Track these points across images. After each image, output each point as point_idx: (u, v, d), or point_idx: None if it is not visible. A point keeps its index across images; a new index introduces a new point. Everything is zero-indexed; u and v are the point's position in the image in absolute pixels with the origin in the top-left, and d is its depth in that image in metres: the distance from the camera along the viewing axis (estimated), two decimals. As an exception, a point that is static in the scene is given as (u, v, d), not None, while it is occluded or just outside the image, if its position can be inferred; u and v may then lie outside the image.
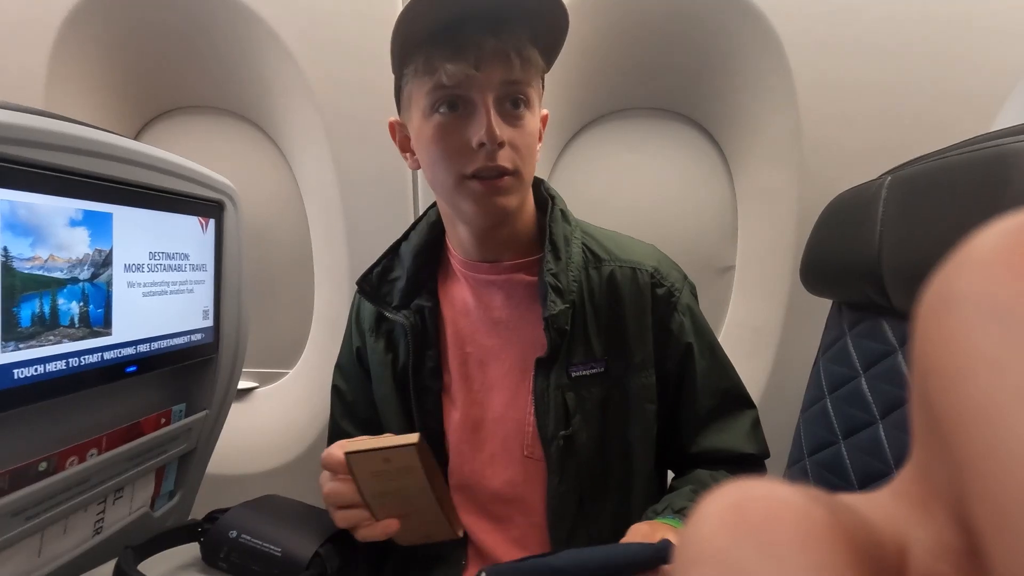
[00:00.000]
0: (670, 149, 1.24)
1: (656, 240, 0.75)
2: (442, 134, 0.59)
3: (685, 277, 0.71)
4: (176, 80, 1.24)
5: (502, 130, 0.57)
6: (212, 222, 0.76)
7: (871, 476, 0.62)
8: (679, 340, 0.67)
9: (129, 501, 0.71)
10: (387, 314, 0.70)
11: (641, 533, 0.54)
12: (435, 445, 0.69)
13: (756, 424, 0.69)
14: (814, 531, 0.10)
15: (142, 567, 0.55)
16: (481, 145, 0.57)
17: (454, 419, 0.69)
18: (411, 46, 0.58)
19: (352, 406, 0.77)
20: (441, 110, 0.58)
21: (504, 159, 0.58)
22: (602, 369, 0.66)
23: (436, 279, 0.72)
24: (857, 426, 0.65)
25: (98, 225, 0.58)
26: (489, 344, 0.69)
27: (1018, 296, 0.09)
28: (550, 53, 0.62)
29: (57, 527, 0.59)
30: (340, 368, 0.80)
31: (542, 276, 0.64)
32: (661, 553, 0.46)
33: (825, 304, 0.77)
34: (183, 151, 0.72)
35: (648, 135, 1.24)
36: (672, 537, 0.48)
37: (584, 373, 0.65)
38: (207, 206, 0.75)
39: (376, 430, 0.72)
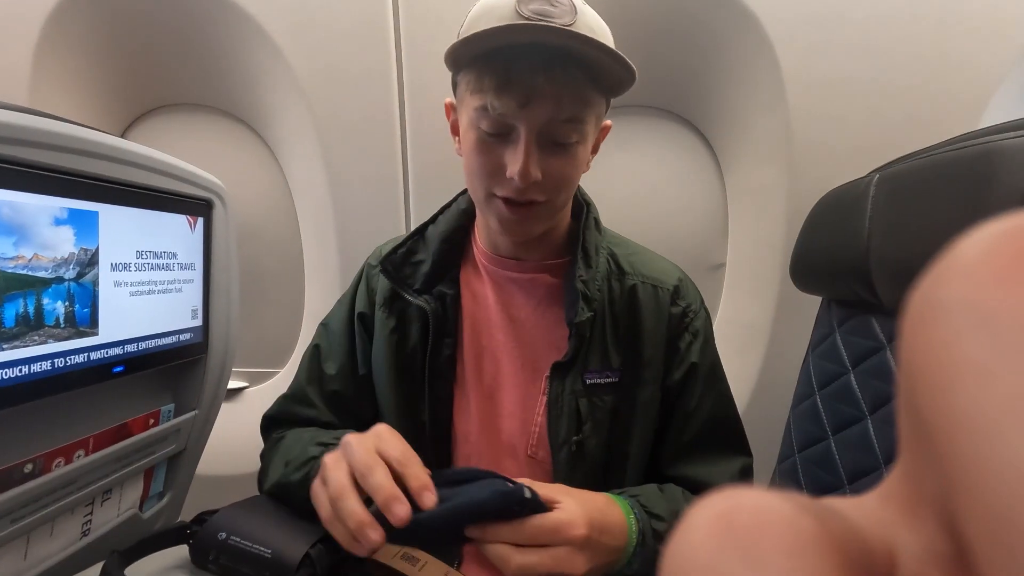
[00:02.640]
0: (661, 147, 1.24)
1: (647, 238, 0.75)
2: (480, 150, 0.59)
3: (703, 303, 0.71)
4: (163, 77, 1.22)
5: (539, 166, 0.57)
6: (200, 221, 0.75)
7: (860, 472, 0.62)
8: (684, 359, 0.67)
9: (117, 503, 0.70)
10: (408, 296, 0.68)
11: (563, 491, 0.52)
12: (443, 434, 0.69)
13: (746, 473, 0.67)
14: (802, 540, 0.10)
15: (130, 570, 0.54)
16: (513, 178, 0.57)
17: (463, 410, 0.69)
18: (465, 61, 0.58)
19: (324, 373, 0.72)
20: (483, 126, 0.58)
21: (535, 192, 0.58)
22: (616, 379, 0.65)
23: (459, 267, 0.72)
24: (846, 422, 0.65)
25: (84, 224, 0.57)
26: (504, 340, 0.68)
27: (1004, 303, 0.09)
28: (613, 91, 0.60)
29: (43, 529, 0.58)
30: (326, 327, 0.75)
31: (571, 282, 0.64)
32: (516, 495, 0.45)
33: (815, 301, 0.78)
34: (171, 149, 0.71)
35: (639, 133, 1.24)
36: (606, 503, 0.50)
37: (599, 381, 0.65)
38: (195, 204, 0.74)
39: (341, 408, 0.71)
